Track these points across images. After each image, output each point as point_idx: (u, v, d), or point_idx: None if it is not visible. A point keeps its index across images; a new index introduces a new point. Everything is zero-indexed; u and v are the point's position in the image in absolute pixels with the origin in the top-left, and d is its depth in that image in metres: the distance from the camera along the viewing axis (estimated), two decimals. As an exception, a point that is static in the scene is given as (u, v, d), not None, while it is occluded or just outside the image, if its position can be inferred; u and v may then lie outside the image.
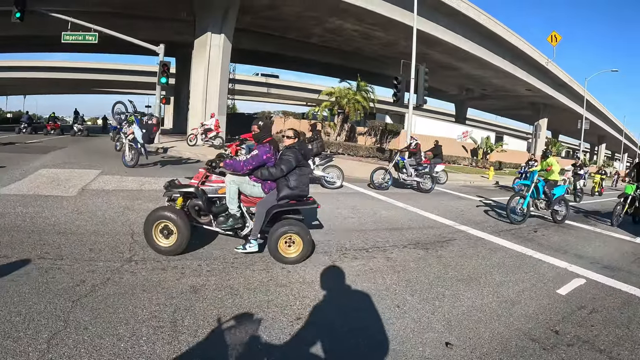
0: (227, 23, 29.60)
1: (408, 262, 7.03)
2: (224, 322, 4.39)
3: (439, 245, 8.41)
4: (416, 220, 10.76)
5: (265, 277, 5.74)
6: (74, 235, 6.72)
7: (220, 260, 6.22)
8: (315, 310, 4.90)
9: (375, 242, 8.07)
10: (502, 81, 50.50)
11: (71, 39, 26.47)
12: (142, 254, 6.12)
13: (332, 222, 9.41)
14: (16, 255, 5.65)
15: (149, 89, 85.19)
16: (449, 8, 33.41)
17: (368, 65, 48.45)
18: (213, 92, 29.37)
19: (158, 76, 25.46)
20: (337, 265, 6.48)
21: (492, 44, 40.45)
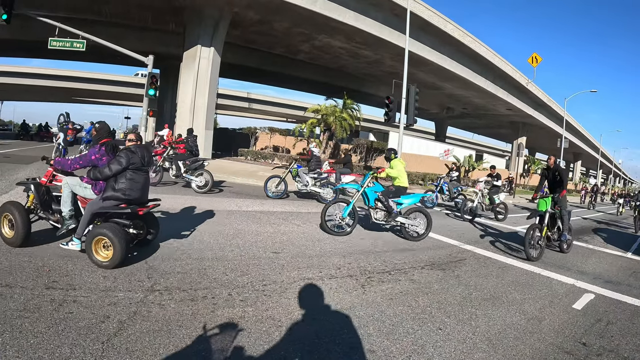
0: (217, 36, 29.37)
1: (432, 284, 7.06)
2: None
3: (453, 265, 8.55)
4: (423, 241, 10.76)
5: (303, 307, 5.47)
6: (80, 260, 6.14)
7: (250, 287, 5.90)
8: (367, 338, 4.76)
9: (394, 264, 8.02)
10: (484, 101, 51.02)
11: (58, 45, 25.84)
12: (164, 282, 5.69)
13: (347, 244, 9.38)
14: (20, 283, 5.13)
15: (129, 100, 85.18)
16: (435, 29, 33.64)
17: (351, 82, 48.52)
18: (201, 105, 29.08)
19: (146, 88, 24.95)
20: (367, 290, 6.37)
21: (475, 64, 40.84)
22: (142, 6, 30.84)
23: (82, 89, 72.32)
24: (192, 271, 6.23)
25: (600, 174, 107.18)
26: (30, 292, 4.93)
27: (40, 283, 5.21)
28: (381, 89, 52.54)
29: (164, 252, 6.95)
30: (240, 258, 7.15)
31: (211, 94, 29.80)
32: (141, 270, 6.05)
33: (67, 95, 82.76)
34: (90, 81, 69.65)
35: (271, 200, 14.87)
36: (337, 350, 4.40)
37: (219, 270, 6.39)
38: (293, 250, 8.12)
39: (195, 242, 7.85)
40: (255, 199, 14.76)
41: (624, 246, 14.38)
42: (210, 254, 7.20)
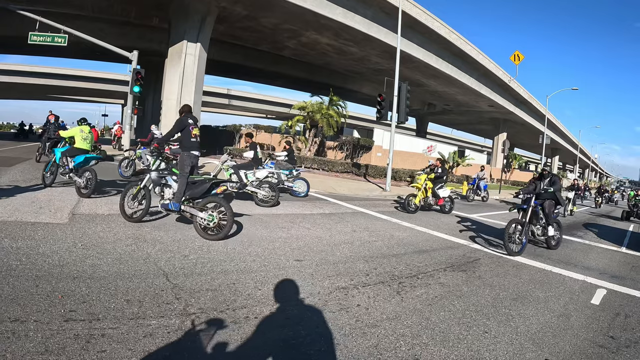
0: (204, 32, 28.89)
1: (460, 286, 7.07)
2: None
3: (471, 265, 8.66)
4: (432, 241, 10.93)
5: (351, 320, 5.18)
6: (94, 281, 5.46)
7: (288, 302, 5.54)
8: (425, 348, 4.64)
9: (417, 268, 7.98)
10: (467, 97, 51.19)
11: (39, 40, 25.34)
12: (196, 303, 5.12)
13: (364, 247, 9.26)
14: (32, 317, 4.30)
15: (109, 97, 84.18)
16: (423, 26, 33.52)
17: (335, 79, 48.25)
18: (187, 102, 28.27)
19: (131, 85, 24.49)
20: (403, 297, 6.23)
21: (460, 62, 40.95)
22: (126, 0, 30.16)
23: (59, 86, 71.15)
24: (222, 287, 5.76)
25: (577, 168, 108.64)
26: (47, 326, 4.15)
27: (56, 314, 4.45)
28: (365, 86, 52.57)
29: (183, 266, 6.47)
30: (265, 269, 6.76)
31: (198, 91, 29.35)
32: (166, 290, 5.48)
33: (43, 93, 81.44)
34: (67, 78, 68.46)
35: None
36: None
37: (250, 285, 5.96)
38: (315, 257, 7.81)
39: (211, 252, 7.41)
40: (252, 200, 14.26)
41: (616, 240, 15.36)
42: (233, 265, 6.79)
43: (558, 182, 11.54)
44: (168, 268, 6.28)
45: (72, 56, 52.29)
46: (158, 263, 6.49)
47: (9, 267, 5.64)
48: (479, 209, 20.20)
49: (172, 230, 8.62)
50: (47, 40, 25.45)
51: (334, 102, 35.30)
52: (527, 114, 59.40)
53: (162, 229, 8.60)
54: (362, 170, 31.74)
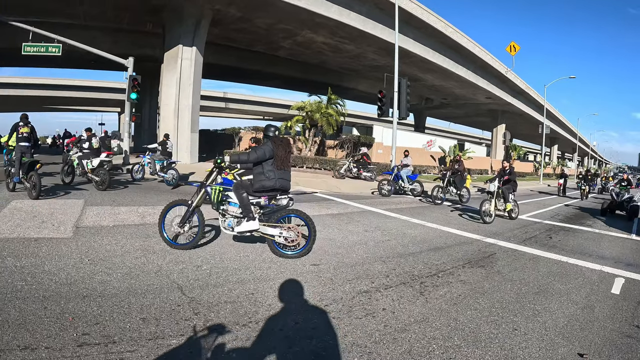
0: (199, 35, 28.78)
1: (481, 283, 7.00)
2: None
3: (489, 261, 8.60)
4: (446, 237, 10.85)
5: (379, 325, 5.01)
6: (105, 299, 5.16)
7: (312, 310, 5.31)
8: (459, 351, 4.52)
9: (436, 266, 7.86)
10: (464, 90, 51.19)
11: (33, 50, 25.09)
12: (215, 317, 4.85)
13: (379, 247, 9.10)
14: (43, 343, 3.99)
15: (105, 106, 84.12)
16: (418, 21, 33.41)
17: (331, 77, 48.04)
18: (185, 107, 28.42)
19: (127, 92, 24.17)
20: (427, 297, 6.10)
21: (457, 55, 40.93)
22: (118, 6, 30.01)
23: (54, 97, 71.16)
24: (241, 298, 5.50)
25: (576, 156, 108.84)
26: (60, 353, 3.85)
27: (68, 339, 4.12)
28: (362, 83, 52.48)
29: (197, 278, 6.21)
30: (282, 276, 6.52)
31: (195, 95, 29.17)
32: (183, 304, 5.19)
33: (38, 104, 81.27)
34: (62, 88, 68.52)
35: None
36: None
37: (269, 294, 5.71)
38: (331, 261, 7.61)
39: (224, 260, 7.17)
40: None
41: (625, 228, 15.51)
42: (249, 274, 6.54)
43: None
44: (182, 281, 6.03)
45: (67, 66, 52.17)
46: (171, 276, 6.22)
47: (14, 289, 5.36)
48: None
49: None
50: (41, 50, 25.22)
51: (333, 100, 35.15)
52: (525, 105, 59.36)
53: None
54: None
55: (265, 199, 7.68)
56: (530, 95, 57.60)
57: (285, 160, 7.66)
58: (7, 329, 4.27)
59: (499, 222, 14.22)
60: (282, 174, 7.63)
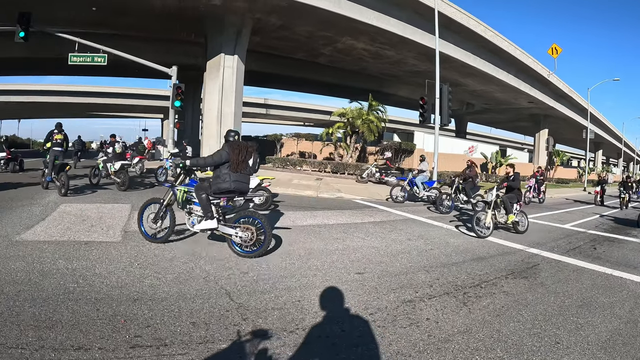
0: (240, 44, 29.16)
1: (524, 294, 6.85)
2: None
3: (531, 272, 8.35)
4: (488, 247, 10.63)
5: (423, 335, 5.03)
6: (156, 303, 5.33)
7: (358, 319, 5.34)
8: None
9: (479, 276, 7.74)
10: (505, 95, 50.53)
11: (79, 60, 25.83)
12: (263, 323, 4.96)
13: (422, 256, 9.05)
14: (96, 344, 4.17)
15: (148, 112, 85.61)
16: (458, 25, 33.21)
17: (371, 83, 48.12)
18: (228, 113, 28.92)
19: (172, 100, 24.71)
20: (470, 308, 6.02)
21: (497, 59, 40.40)
22: (161, 18, 30.49)
23: (98, 104, 72.90)
24: (288, 305, 5.59)
25: (621, 162, 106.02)
26: (114, 354, 4.03)
27: (120, 340, 4.30)
28: (402, 89, 52.29)
29: (245, 284, 6.34)
30: (327, 283, 6.60)
31: (237, 102, 29.56)
32: (231, 310, 5.31)
33: (82, 111, 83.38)
34: (106, 95, 70.26)
35: (321, 211, 14.39)
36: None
37: (315, 301, 5.79)
38: (375, 269, 7.63)
39: (270, 267, 7.29)
40: (304, 210, 14.35)
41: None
42: (295, 281, 6.63)
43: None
44: (230, 287, 6.15)
45: (111, 74, 53.39)
46: (219, 281, 6.36)
47: (67, 290, 5.58)
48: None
49: (227, 246, 8.42)
50: (87, 60, 25.92)
51: (374, 107, 35.13)
52: (568, 109, 58.09)
53: (216, 245, 8.52)
54: (406, 174, 31.42)
55: (224, 200, 8.18)
56: (573, 99, 56.30)
57: (241, 163, 8.02)
58: (61, 329, 4.47)
59: (542, 231, 13.87)
60: (239, 176, 8.05)
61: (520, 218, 13.08)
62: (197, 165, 8.83)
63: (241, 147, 8.11)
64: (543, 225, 15.44)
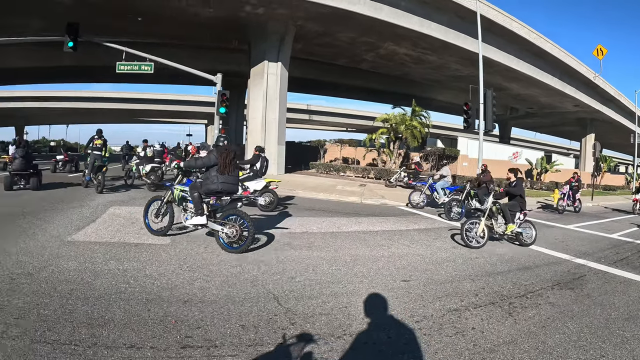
0: (283, 51, 29.44)
1: (570, 306, 6.68)
2: None
3: (578, 283, 8.18)
4: (534, 256, 10.40)
5: (468, 344, 5.03)
6: (205, 305, 5.51)
7: (403, 327, 5.37)
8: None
9: (525, 286, 7.62)
10: (550, 98, 49.53)
11: (126, 69, 26.57)
12: (311, 328, 5.05)
13: (467, 264, 9.00)
14: (148, 343, 4.37)
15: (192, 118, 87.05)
16: (500, 28, 32.69)
17: (412, 88, 48.00)
18: (272, 120, 29.25)
19: (217, 106, 25.12)
20: (516, 319, 5.96)
21: (541, 61, 39.57)
22: (205, 26, 31.06)
23: (144, 110, 74.58)
24: (334, 311, 5.68)
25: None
26: (165, 353, 4.21)
27: (171, 340, 4.49)
28: (444, 93, 51.95)
29: (292, 289, 6.46)
30: (373, 290, 6.66)
31: (281, 109, 29.86)
32: (279, 314, 5.43)
33: (129, 116, 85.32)
34: (151, 102, 71.88)
35: (365, 217, 14.39)
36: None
37: (361, 308, 5.86)
38: (421, 277, 7.65)
39: (317, 273, 7.40)
40: (349, 217, 14.42)
41: None
42: (341, 287, 6.72)
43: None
44: (277, 291, 6.28)
45: (156, 81, 54.62)
46: (266, 286, 6.50)
47: (119, 290, 5.82)
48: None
49: (274, 251, 8.71)
50: (135, 68, 26.62)
51: (417, 112, 34.93)
52: (616, 112, 56.56)
53: (263, 250, 8.72)
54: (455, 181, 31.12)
55: (214, 199, 8.93)
56: (621, 102, 54.79)
57: (229, 166, 8.78)
58: (113, 327, 4.69)
59: (587, 241, 13.51)
60: (226, 178, 8.77)
61: (525, 229, 11.78)
62: (189, 167, 9.66)
63: (228, 151, 8.87)
64: (589, 234, 15.12)
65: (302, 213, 14.55)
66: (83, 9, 26.41)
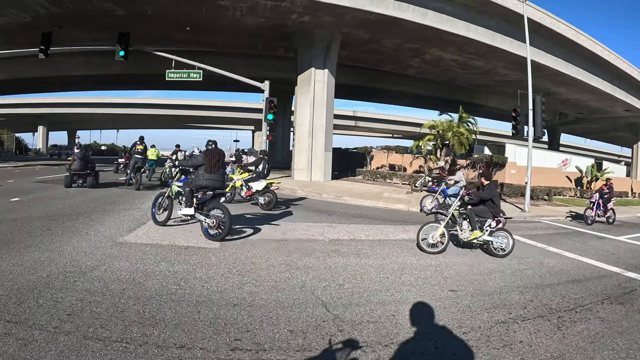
0: (330, 58, 29.57)
1: (621, 322, 6.47)
2: None
3: (629, 297, 7.89)
4: (584, 269, 10.13)
5: (515, 357, 4.99)
6: (254, 309, 5.61)
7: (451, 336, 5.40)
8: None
9: (574, 300, 7.44)
10: (600, 103, 48.34)
11: (175, 76, 27.37)
12: (359, 335, 5.09)
13: (516, 276, 8.85)
14: (198, 344, 4.50)
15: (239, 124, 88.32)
16: (548, 31, 32.06)
17: (459, 94, 47.48)
18: (319, 127, 29.36)
19: (265, 113, 25.57)
20: (565, 333, 5.85)
21: (590, 65, 38.63)
22: (252, 35, 31.49)
23: (192, 116, 76.26)
24: (382, 319, 5.71)
25: None
26: (215, 355, 4.34)
27: (221, 342, 4.62)
28: (491, 99, 51.23)
29: (340, 296, 6.52)
30: (421, 299, 6.68)
31: (328, 116, 29.96)
32: (327, 321, 5.49)
33: (177, 122, 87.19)
34: (200, 108, 73.55)
35: (412, 225, 14.00)
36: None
37: (408, 317, 5.87)
38: (468, 288, 7.62)
39: (364, 280, 7.46)
40: (397, 224, 14.42)
41: None
42: (389, 295, 6.76)
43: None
44: (326, 297, 6.36)
45: (204, 89, 55.47)
46: (315, 292, 6.59)
47: (169, 292, 6.02)
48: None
49: (322, 257, 8.80)
50: (184, 76, 27.30)
51: (464, 119, 34.44)
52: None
53: (312, 256, 8.82)
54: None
55: (201, 194, 10.18)
56: (676, 106, 53.17)
57: (214, 166, 10.16)
58: (164, 327, 4.87)
59: (637, 252, 13.15)
60: (212, 176, 10.13)
61: (498, 237, 10.67)
62: (182, 166, 11.32)
63: (214, 153, 10.32)
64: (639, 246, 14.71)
65: (351, 220, 14.70)
66: (136, 21, 27.14)
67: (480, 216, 10.70)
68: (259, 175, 16.31)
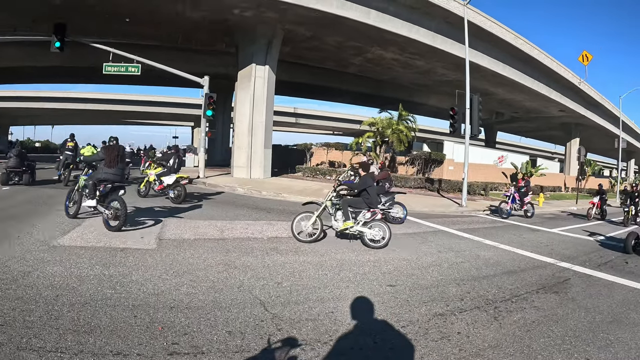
0: (271, 54, 29.30)
1: (555, 310, 6.82)
2: None
3: (563, 286, 8.32)
4: (519, 260, 10.56)
5: (454, 349, 5.04)
6: (192, 311, 5.50)
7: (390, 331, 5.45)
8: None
9: (510, 290, 7.73)
10: (536, 103, 49.82)
11: (113, 70, 26.56)
12: (298, 334, 5.07)
13: (453, 269, 9.07)
14: (135, 350, 4.35)
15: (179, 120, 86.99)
16: (488, 34, 32.77)
17: (400, 93, 47.94)
18: (259, 123, 29.03)
19: (204, 109, 25.21)
20: (501, 323, 6.05)
21: (527, 67, 39.77)
22: (194, 29, 31.00)
23: (131, 111, 74.43)
24: (321, 316, 5.71)
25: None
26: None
27: (158, 347, 4.48)
28: (431, 98, 52.07)
29: (279, 294, 6.49)
30: (359, 295, 6.70)
31: (268, 112, 29.67)
32: (266, 320, 5.45)
33: (116, 118, 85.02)
34: (138, 103, 71.83)
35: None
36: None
37: (347, 314, 5.89)
38: (407, 282, 7.69)
39: (303, 278, 7.44)
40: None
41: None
42: (328, 292, 6.76)
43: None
44: (264, 296, 6.30)
45: (143, 83, 54.29)
46: (253, 291, 6.52)
47: (104, 296, 5.80)
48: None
49: (260, 256, 8.73)
50: (122, 70, 26.58)
51: (403, 116, 34.90)
52: (600, 117, 56.95)
53: (250, 255, 8.74)
54: (435, 185, 30.97)
55: (103, 187, 10.79)
56: (605, 107, 55.23)
57: (113, 161, 10.84)
58: (100, 334, 4.68)
59: (573, 244, 13.72)
60: (111, 170, 10.83)
61: (373, 229, 10.59)
62: (86, 161, 12.12)
63: (114, 149, 11.08)
64: (573, 238, 15.31)
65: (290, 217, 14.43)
66: (71, 9, 26.20)
67: (354, 207, 10.79)
68: (170, 169, 16.83)
